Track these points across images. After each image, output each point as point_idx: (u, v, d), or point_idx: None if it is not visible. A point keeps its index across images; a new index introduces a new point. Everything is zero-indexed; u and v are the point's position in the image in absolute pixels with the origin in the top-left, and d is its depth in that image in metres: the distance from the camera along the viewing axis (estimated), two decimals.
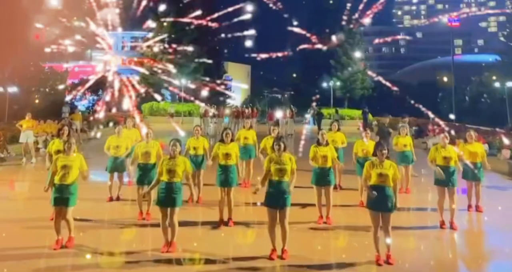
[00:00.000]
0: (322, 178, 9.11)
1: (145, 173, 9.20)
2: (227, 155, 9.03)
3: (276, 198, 7.23)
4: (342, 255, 7.58)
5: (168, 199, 7.41)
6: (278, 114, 32.27)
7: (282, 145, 7.42)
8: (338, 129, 12.19)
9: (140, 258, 7.19)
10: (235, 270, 6.89)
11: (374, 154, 7.40)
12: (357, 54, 50.93)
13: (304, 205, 10.02)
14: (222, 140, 9.25)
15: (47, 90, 34.92)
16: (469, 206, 10.25)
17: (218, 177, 9.01)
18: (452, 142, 9.78)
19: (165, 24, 46.82)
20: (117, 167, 10.85)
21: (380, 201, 7.04)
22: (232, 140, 9.36)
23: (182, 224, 7.98)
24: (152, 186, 7.81)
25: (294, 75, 74.68)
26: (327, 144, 9.30)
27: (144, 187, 9.03)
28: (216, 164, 9.26)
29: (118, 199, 10.85)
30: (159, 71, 47.86)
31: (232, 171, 9.02)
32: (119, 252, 7.45)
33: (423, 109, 18.73)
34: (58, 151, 9.19)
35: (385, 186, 7.08)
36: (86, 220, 8.91)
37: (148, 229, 8.71)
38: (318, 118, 33.94)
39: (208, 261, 7.13)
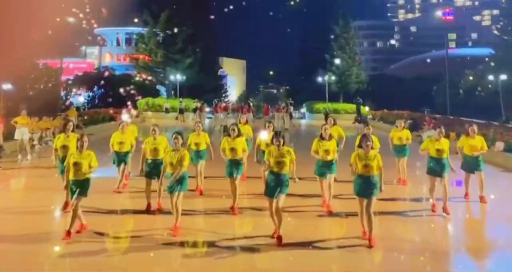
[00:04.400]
0: (325, 169, 9.55)
1: (154, 167, 9.39)
2: (233, 150, 9.47)
3: (274, 189, 7.69)
4: (342, 239, 8.07)
5: (174, 186, 7.92)
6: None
7: (282, 141, 7.85)
8: (334, 124, 12.26)
9: (142, 243, 7.59)
10: (238, 252, 7.37)
11: (360, 146, 7.94)
12: (352, 48, 51.14)
13: (303, 196, 10.26)
14: (229, 135, 9.64)
15: (41, 86, 34.83)
16: (466, 194, 10.62)
17: (226, 169, 9.51)
18: (446, 135, 10.07)
19: (160, 19, 46.70)
20: (123, 159, 11.02)
21: (365, 189, 7.69)
22: (238, 135, 9.65)
23: (185, 212, 8.44)
24: (161, 179, 8.33)
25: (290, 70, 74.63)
26: (330, 138, 9.58)
27: (152, 181, 9.37)
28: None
29: (118, 191, 10.97)
30: (154, 67, 47.88)
31: (239, 163, 9.55)
32: (123, 240, 7.86)
33: None
34: (63, 146, 9.42)
35: (369, 175, 7.70)
36: (89, 212, 8.96)
37: (151, 217, 9.10)
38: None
39: (211, 245, 7.57)
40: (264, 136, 10.80)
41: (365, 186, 7.68)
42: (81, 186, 7.84)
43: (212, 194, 10.79)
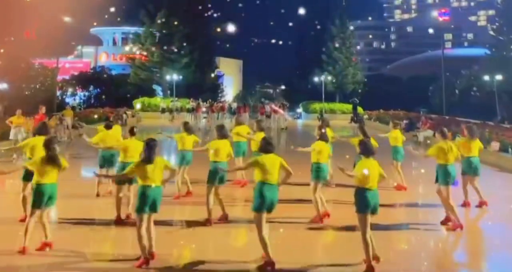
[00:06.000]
0: (320, 173, 8.88)
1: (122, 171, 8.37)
2: (216, 152, 8.76)
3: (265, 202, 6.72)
4: (337, 253, 7.46)
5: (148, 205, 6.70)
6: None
7: (271, 146, 7.04)
8: (327, 125, 12.11)
9: (126, 257, 6.96)
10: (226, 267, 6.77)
11: (366, 153, 6.77)
12: (348, 49, 51.28)
13: (300, 201, 9.99)
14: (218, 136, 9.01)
15: (37, 86, 34.74)
16: (467, 203, 10.00)
17: (210, 174, 8.60)
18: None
19: (157, 19, 46.62)
20: (106, 162, 10.65)
21: (371, 203, 6.58)
22: (225, 137, 9.04)
23: (169, 222, 8.09)
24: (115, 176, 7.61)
25: (286, 69, 74.63)
26: (326, 140, 9.10)
27: (122, 187, 8.56)
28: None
29: (98, 195, 10.64)
30: (151, 66, 47.82)
31: (222, 169, 8.56)
32: (105, 251, 7.32)
33: None
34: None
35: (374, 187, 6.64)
36: (74, 219, 8.76)
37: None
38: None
39: (197, 260, 6.95)
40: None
41: (371, 201, 6.53)
42: (46, 193, 6.99)
43: (197, 201, 9.79)
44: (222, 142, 8.88)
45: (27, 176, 7.79)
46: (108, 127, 10.91)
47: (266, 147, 6.98)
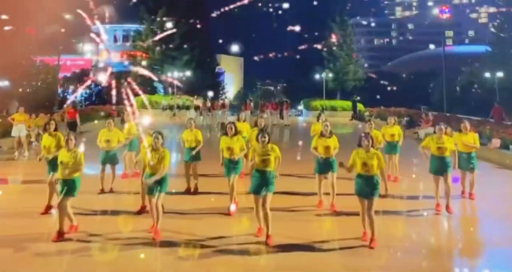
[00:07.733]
0: (324, 167, 9.47)
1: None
2: (229, 149, 9.26)
3: (260, 187, 7.64)
4: (341, 240, 7.81)
5: (153, 188, 7.73)
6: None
7: (267, 138, 7.82)
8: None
9: (131, 247, 7.37)
10: (232, 254, 7.15)
11: (360, 145, 7.73)
12: (349, 46, 51.20)
13: (302, 194, 10.23)
14: (226, 134, 9.45)
15: (39, 83, 34.74)
16: (463, 192, 10.55)
17: (225, 169, 9.39)
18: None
19: (157, 16, 46.56)
20: (109, 159, 11.03)
21: (365, 188, 7.53)
22: (236, 133, 9.45)
23: (180, 211, 8.62)
24: (142, 179, 8.32)
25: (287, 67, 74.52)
26: (330, 135, 9.56)
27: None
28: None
29: (111, 191, 10.90)
30: (152, 64, 47.75)
31: (237, 163, 9.38)
32: (110, 242, 7.60)
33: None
34: (45, 146, 9.23)
35: (369, 174, 7.54)
36: (76, 213, 8.86)
37: (139, 218, 8.84)
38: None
39: (203, 246, 7.41)
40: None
41: (364, 186, 7.52)
42: (68, 186, 7.65)
43: (204, 193, 10.65)
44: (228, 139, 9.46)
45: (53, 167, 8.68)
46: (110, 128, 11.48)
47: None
